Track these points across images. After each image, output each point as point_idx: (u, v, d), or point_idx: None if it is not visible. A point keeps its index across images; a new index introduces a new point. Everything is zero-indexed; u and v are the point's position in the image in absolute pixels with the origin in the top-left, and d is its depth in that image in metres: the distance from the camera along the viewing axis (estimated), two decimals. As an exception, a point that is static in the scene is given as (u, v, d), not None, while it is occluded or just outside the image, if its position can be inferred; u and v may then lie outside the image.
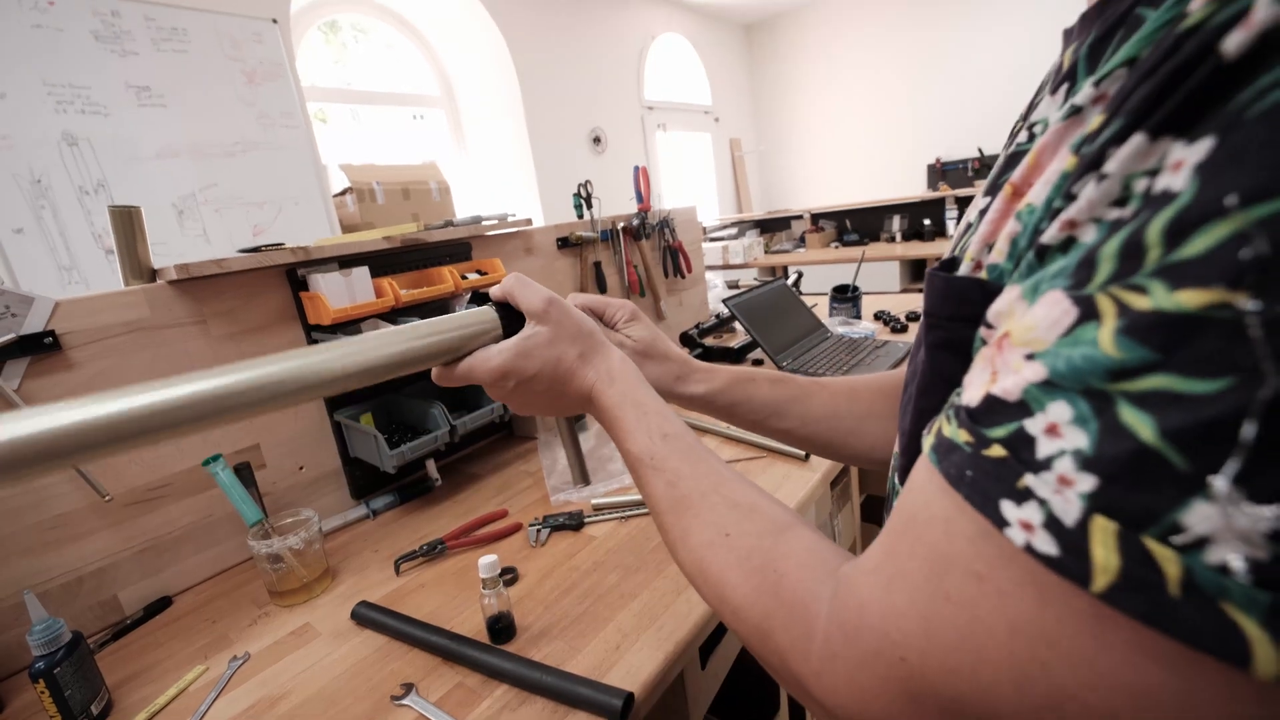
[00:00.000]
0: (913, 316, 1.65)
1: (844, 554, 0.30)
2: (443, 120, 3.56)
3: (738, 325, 1.71)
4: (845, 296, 1.75)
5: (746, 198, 5.30)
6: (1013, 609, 0.19)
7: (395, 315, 0.94)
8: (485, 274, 1.07)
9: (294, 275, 0.90)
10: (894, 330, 1.60)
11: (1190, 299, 0.15)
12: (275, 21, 2.35)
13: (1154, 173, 0.17)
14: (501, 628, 0.63)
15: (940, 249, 2.94)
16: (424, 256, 1.05)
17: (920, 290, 3.10)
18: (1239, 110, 0.15)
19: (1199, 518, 0.15)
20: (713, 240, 3.71)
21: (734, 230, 3.93)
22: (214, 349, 0.83)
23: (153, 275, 0.82)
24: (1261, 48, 0.15)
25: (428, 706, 0.56)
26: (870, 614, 0.24)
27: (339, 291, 0.87)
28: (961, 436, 0.21)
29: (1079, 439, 0.17)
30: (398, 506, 0.97)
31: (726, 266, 3.57)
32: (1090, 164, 0.19)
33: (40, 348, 0.70)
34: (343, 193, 2.65)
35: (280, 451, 0.90)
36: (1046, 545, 0.18)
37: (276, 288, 0.89)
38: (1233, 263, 0.14)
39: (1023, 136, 0.29)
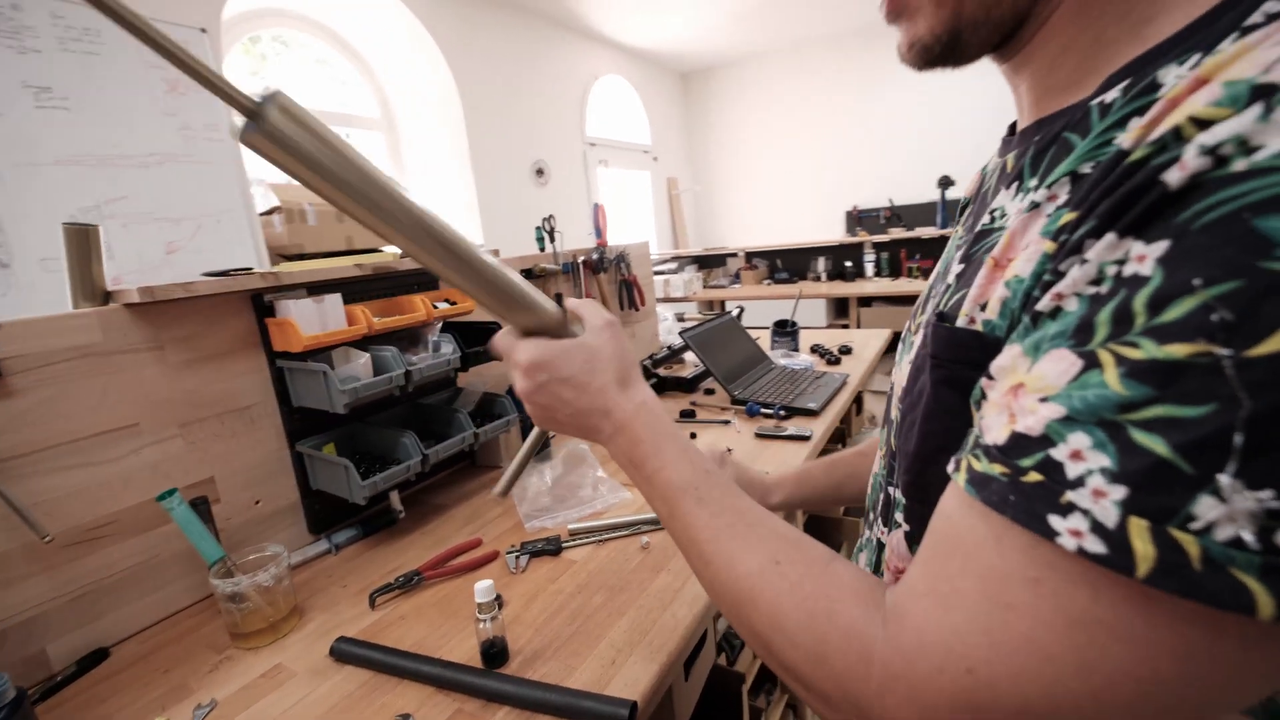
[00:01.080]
0: (845, 350, 1.78)
1: (884, 583, 0.33)
2: (379, 142, 3.50)
3: (688, 356, 1.78)
4: (785, 330, 1.87)
5: (683, 234, 5.49)
6: (1069, 604, 0.23)
7: (368, 343, 0.92)
8: (454, 303, 1.07)
9: (259, 301, 0.87)
10: (829, 363, 1.72)
11: (1178, 350, 0.20)
12: (204, 31, 2.25)
13: (1121, 262, 0.23)
14: (496, 652, 0.63)
15: (861, 288, 3.17)
16: (393, 284, 1.04)
17: (844, 325, 3.29)
18: (1184, 224, 0.21)
19: (1206, 508, 0.20)
20: (655, 274, 3.83)
21: (674, 265, 4.06)
22: (171, 377, 0.79)
23: (106, 298, 0.78)
24: (1192, 184, 0.21)
25: (427, 738, 0.55)
26: (929, 633, 0.27)
27: (310, 318, 0.85)
28: (996, 469, 0.25)
29: (1102, 459, 0.22)
30: (361, 540, 0.94)
31: (668, 299, 3.68)
32: (1071, 250, 0.25)
33: (-22, 373, 0.65)
34: (269, 212, 2.54)
35: (235, 484, 0.86)
36: (1096, 545, 0.22)
37: (239, 313, 0.86)
38: (1206, 323, 0.20)
39: (986, 219, 0.36)
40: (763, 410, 1.29)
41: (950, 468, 0.29)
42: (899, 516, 0.39)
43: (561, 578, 0.78)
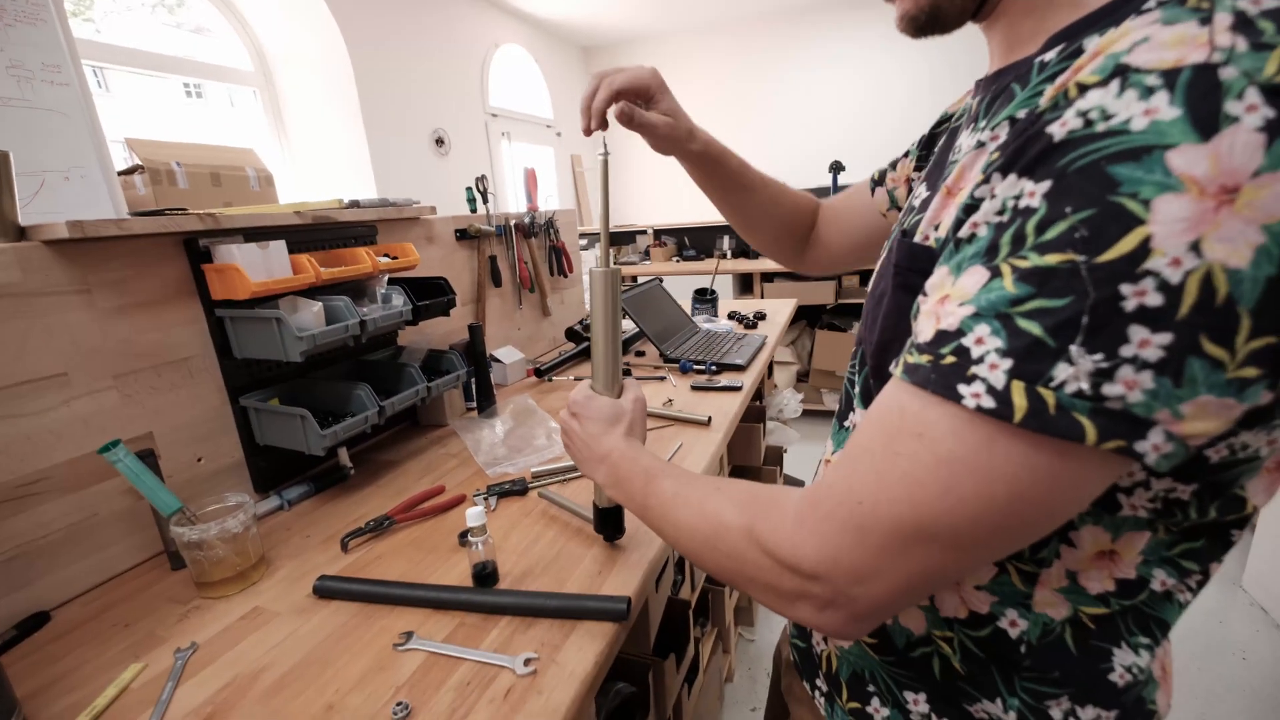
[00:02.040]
0: (760, 315, 1.93)
1: None
2: (253, 99, 3.18)
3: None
4: (705, 298, 1.99)
5: (587, 212, 5.50)
6: (939, 448, 0.30)
7: (315, 292, 0.90)
8: (396, 258, 1.06)
9: (193, 246, 0.82)
10: (746, 327, 1.86)
11: (1052, 259, 0.27)
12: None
13: (1018, 197, 0.29)
14: (489, 573, 0.67)
15: (763, 265, 3.39)
16: (332, 235, 1.01)
17: (749, 298, 3.49)
18: (1062, 168, 0.27)
19: (1061, 370, 0.27)
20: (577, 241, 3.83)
21: (584, 241, 4.08)
22: (101, 324, 0.73)
23: (20, 233, 0.70)
24: (1068, 137, 0.27)
25: (436, 644, 0.58)
26: (835, 480, 0.34)
27: (255, 265, 0.82)
28: (923, 359, 0.32)
29: (996, 342, 0.28)
30: (313, 496, 0.92)
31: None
32: (985, 183, 0.32)
33: (-123, 312, 0.57)
34: (130, 171, 2.25)
35: (175, 440, 0.81)
36: (988, 403, 0.28)
37: (173, 258, 0.81)
38: (1072, 239, 0.26)
39: (955, 155, 0.44)
40: (695, 367, 1.40)
41: (891, 366, 0.36)
42: (866, 394, 0.49)
43: (532, 513, 0.83)
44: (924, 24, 0.43)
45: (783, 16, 4.87)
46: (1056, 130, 0.28)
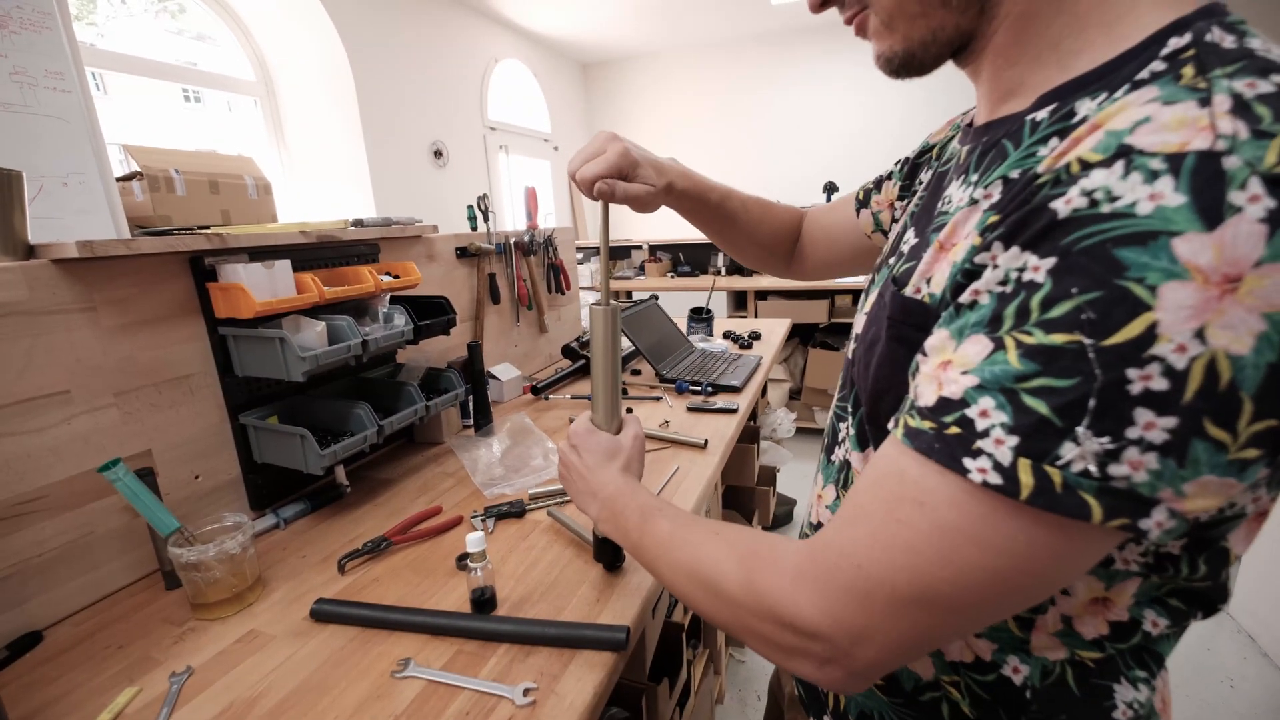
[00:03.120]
0: (754, 335, 1.95)
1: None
2: (254, 108, 3.19)
3: (611, 340, 1.85)
4: (701, 317, 2.01)
5: (583, 225, 5.53)
6: (941, 519, 0.31)
7: (318, 311, 0.90)
8: (398, 277, 1.07)
9: (198, 264, 0.82)
10: (741, 347, 1.87)
11: (1058, 338, 0.27)
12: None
13: (1021, 270, 0.29)
14: (487, 599, 0.67)
15: (757, 283, 3.42)
16: (335, 254, 1.02)
17: (743, 316, 3.51)
18: (1068, 246, 0.27)
19: (1068, 450, 0.27)
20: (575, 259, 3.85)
21: (579, 255, 4.10)
22: (104, 342, 0.73)
23: (29, 251, 0.70)
24: (1073, 215, 0.28)
25: (435, 672, 0.58)
26: (835, 541, 0.35)
27: (260, 284, 0.82)
28: (926, 425, 0.32)
29: (1002, 416, 0.29)
30: (309, 514, 0.92)
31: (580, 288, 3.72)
32: (986, 247, 0.32)
33: (-118, 330, 0.57)
34: (128, 178, 2.25)
35: (174, 458, 0.81)
36: (995, 479, 0.29)
37: (178, 276, 0.81)
38: (1078, 320, 0.27)
39: (941, 204, 0.45)
40: (691, 387, 1.41)
41: (890, 425, 0.36)
42: (861, 437, 0.50)
43: (530, 535, 0.83)
44: (899, 67, 0.43)
45: (777, 37, 4.96)
46: (1061, 207, 0.28)
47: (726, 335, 1.99)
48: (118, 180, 2.45)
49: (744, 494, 1.67)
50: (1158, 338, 0.25)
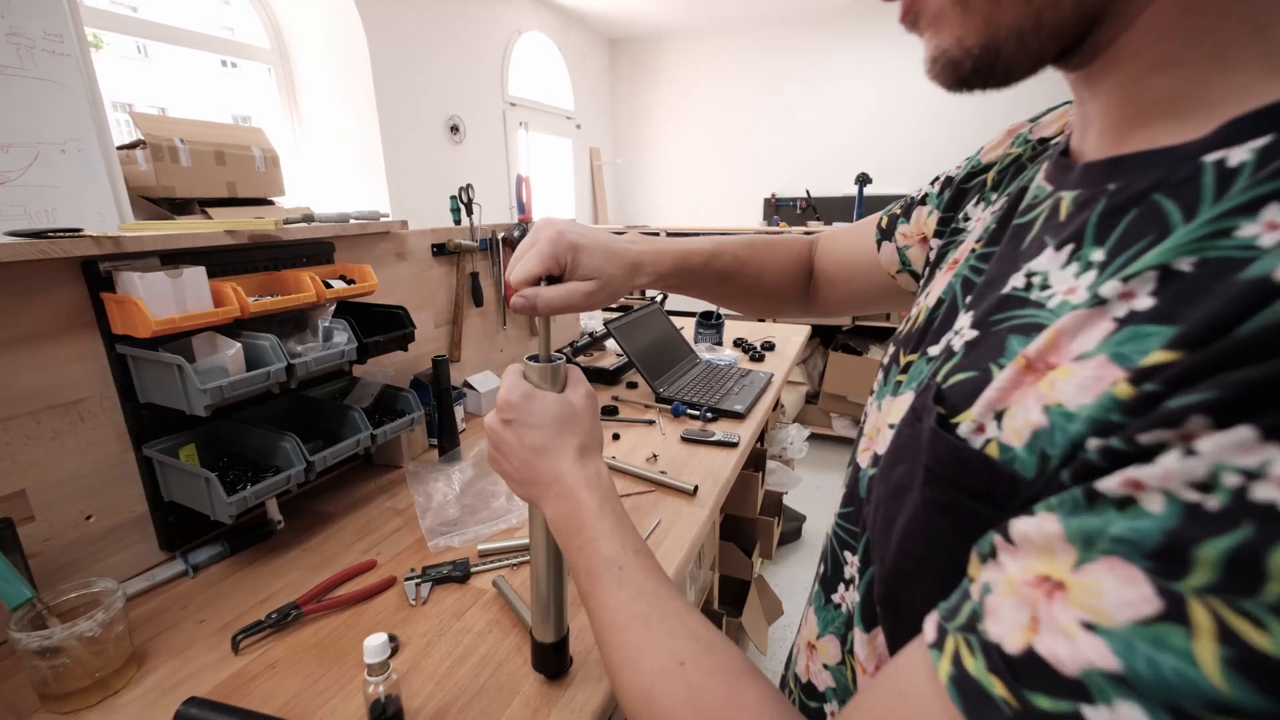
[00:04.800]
0: (768, 345, 1.79)
1: (801, 718, 0.30)
2: (265, 76, 3.08)
3: (611, 344, 1.71)
4: (710, 323, 1.84)
5: (603, 209, 5.36)
6: None
7: (239, 328, 0.77)
8: (353, 281, 0.93)
9: (93, 270, 0.69)
10: (753, 359, 1.71)
11: None
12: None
13: (1254, 475, 0.16)
14: (389, 717, 0.54)
15: (780, 279, 3.24)
16: (275, 256, 0.88)
17: (760, 318, 3.34)
18: None
19: None
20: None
21: (593, 241, 3.95)
22: (-41, 364, 0.61)
23: None
24: None
25: (300, 833, 0.46)
26: None
27: (164, 296, 0.69)
28: (997, 689, 0.19)
29: None
30: (227, 558, 0.80)
31: (585, 277, 3.57)
32: (1166, 420, 0.18)
33: None
34: (131, 145, 2.14)
35: (56, 497, 0.69)
36: None
37: (65, 284, 0.68)
38: None
39: (1020, 279, 0.29)
40: (689, 411, 1.26)
41: (929, 632, 0.23)
42: (867, 616, 0.34)
43: (469, 611, 0.70)
44: (971, 72, 0.27)
45: (806, 20, 4.69)
46: None
47: (737, 344, 1.83)
48: (120, 148, 2.34)
49: (744, 525, 1.52)
50: None
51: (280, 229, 0.84)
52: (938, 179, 0.51)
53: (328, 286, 0.87)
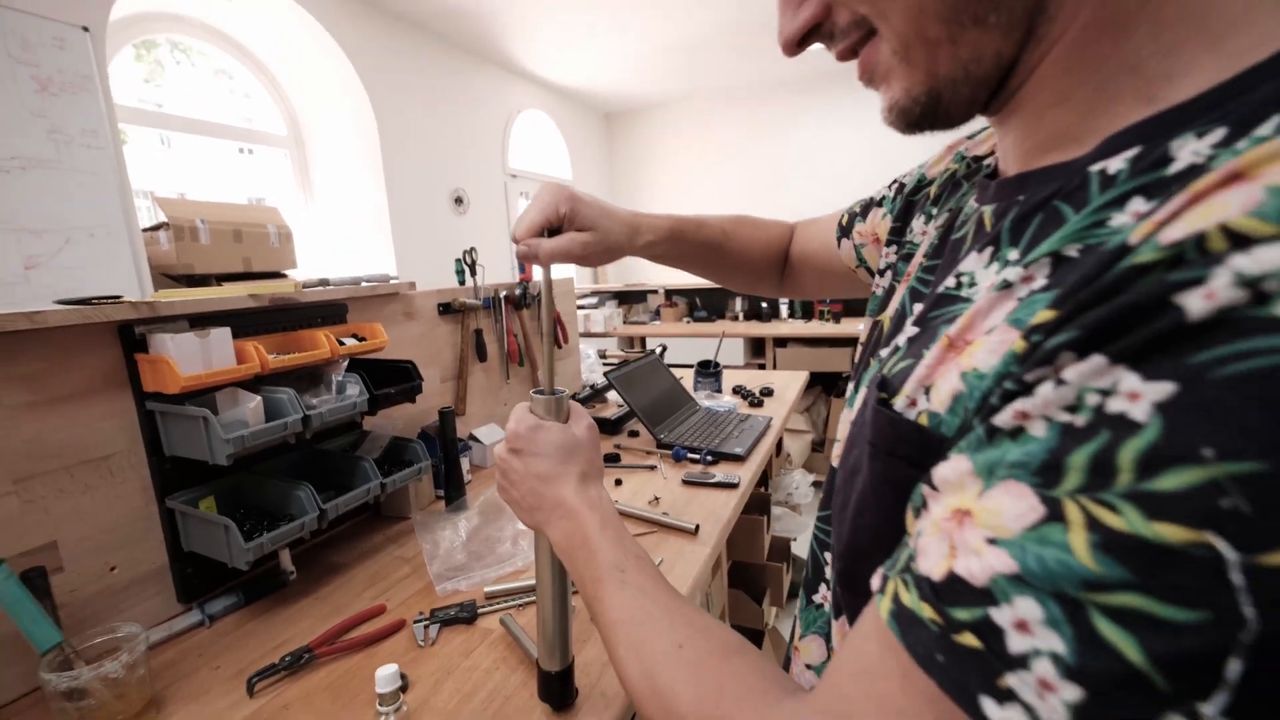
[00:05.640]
0: (766, 392, 1.83)
1: (793, 685, 0.32)
2: (283, 160, 3.28)
3: (612, 395, 1.75)
4: (709, 372, 1.89)
5: (602, 270, 5.53)
6: None
7: (259, 383, 0.83)
8: (364, 339, 0.99)
9: (128, 332, 0.76)
10: (752, 405, 1.75)
11: (1170, 532, 0.16)
12: (87, 30, 2.04)
13: (1107, 393, 0.19)
14: (400, 748, 0.55)
15: (776, 329, 3.30)
16: (293, 317, 0.94)
17: (761, 364, 3.38)
18: (1201, 368, 0.17)
19: None
20: (576, 309, 3.81)
21: (594, 300, 4.06)
22: (5, 423, 0.66)
23: (-77, 327, 0.64)
24: (1219, 318, 0.17)
25: None
26: None
27: (192, 355, 0.75)
28: (926, 612, 0.22)
29: (1054, 642, 0.18)
30: (242, 608, 0.82)
31: (588, 335, 3.66)
32: (1043, 359, 0.21)
33: None
34: (155, 228, 2.28)
35: (84, 549, 0.72)
36: None
37: (103, 346, 0.74)
38: (1213, 510, 0.16)
39: (951, 281, 0.33)
40: (689, 455, 1.29)
41: (875, 583, 0.27)
42: (836, 604, 0.38)
43: (477, 650, 0.71)
44: (919, 118, 0.32)
45: (798, 80, 4.97)
46: (1195, 303, 0.17)
47: (736, 390, 1.87)
48: (145, 230, 2.49)
49: (753, 571, 1.51)
50: None
51: (298, 291, 0.91)
52: (894, 182, 0.56)
53: (341, 344, 0.93)
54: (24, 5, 1.86)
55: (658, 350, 2.25)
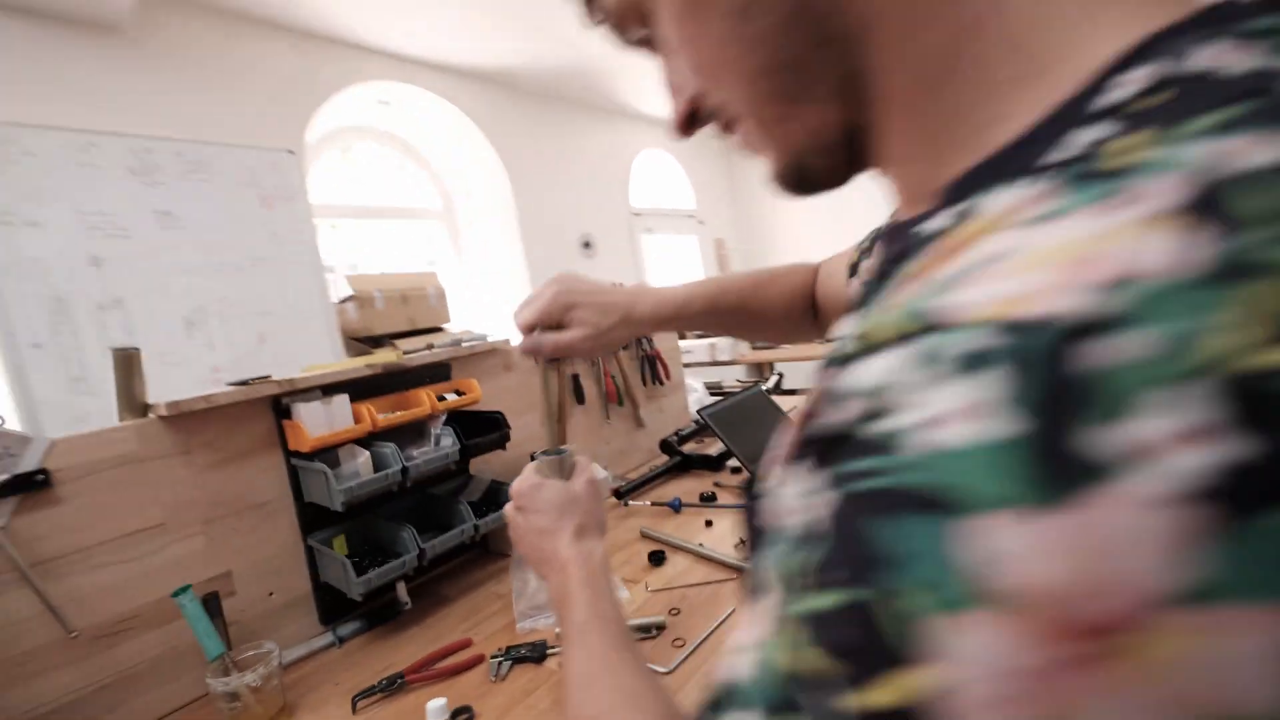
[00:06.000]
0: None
1: None
2: (440, 231, 3.80)
3: (715, 431, 1.75)
4: (818, 401, 1.81)
5: (733, 294, 5.52)
6: None
7: (371, 440, 0.98)
8: (463, 394, 1.13)
9: (278, 403, 0.95)
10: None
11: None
12: (291, 153, 2.56)
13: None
14: (451, 774, 0.62)
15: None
16: (404, 379, 1.11)
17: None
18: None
19: None
20: (700, 337, 3.85)
21: (695, 333, 4.07)
22: (196, 478, 0.87)
23: (145, 410, 0.87)
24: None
25: None
26: None
27: (318, 420, 0.92)
28: None
29: None
30: (365, 633, 0.96)
31: (715, 363, 3.67)
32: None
33: (30, 485, 0.74)
34: (345, 300, 2.79)
35: (251, 577, 0.92)
36: None
37: (260, 416, 0.94)
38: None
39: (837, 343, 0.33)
40: (778, 494, 1.25)
41: None
42: None
43: (538, 690, 0.77)
44: (797, 184, 0.32)
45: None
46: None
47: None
48: (338, 303, 3.04)
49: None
50: None
51: (402, 358, 1.06)
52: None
53: (441, 400, 1.06)
54: (245, 140, 2.40)
55: (773, 380, 2.21)
